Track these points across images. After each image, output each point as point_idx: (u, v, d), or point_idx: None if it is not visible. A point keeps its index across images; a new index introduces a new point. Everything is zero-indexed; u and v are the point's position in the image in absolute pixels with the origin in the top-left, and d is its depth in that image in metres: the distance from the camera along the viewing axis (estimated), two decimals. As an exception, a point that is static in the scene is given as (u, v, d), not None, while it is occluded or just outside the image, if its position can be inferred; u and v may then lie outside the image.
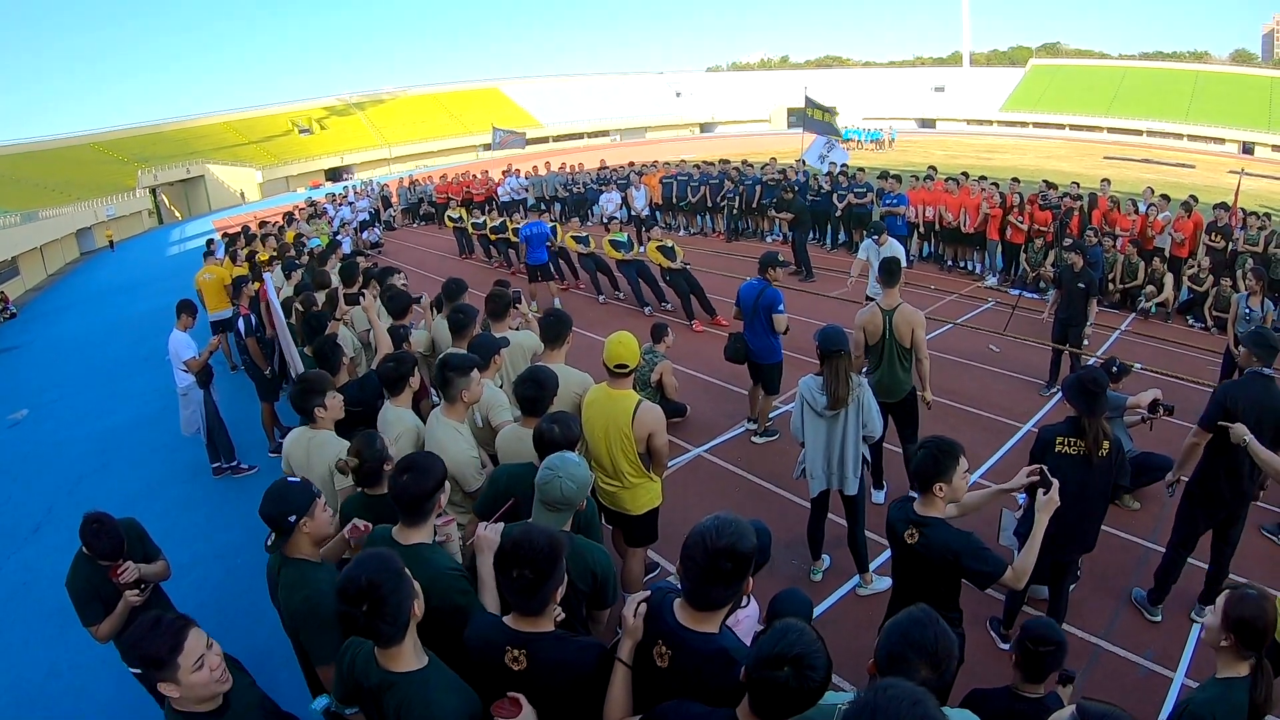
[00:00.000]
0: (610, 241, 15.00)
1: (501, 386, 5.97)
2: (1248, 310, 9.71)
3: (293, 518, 3.77)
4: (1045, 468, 4.18)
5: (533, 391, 4.79)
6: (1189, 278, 14.63)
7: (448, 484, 3.70)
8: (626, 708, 2.97)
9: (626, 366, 5.23)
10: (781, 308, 8.50)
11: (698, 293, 14.12)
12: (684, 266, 14.16)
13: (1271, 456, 5.14)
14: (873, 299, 11.16)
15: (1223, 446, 5.45)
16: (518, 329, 7.30)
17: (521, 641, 3.02)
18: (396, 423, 5.28)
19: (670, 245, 14.30)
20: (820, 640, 2.46)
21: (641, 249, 15.10)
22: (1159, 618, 6.03)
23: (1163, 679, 5.50)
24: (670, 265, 14.07)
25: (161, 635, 2.88)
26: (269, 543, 4.12)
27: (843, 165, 20.10)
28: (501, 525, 3.48)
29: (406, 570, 2.91)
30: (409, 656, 2.90)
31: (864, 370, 7.44)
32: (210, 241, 17.09)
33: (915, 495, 4.11)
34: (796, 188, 20.32)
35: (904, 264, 10.48)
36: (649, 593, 3.10)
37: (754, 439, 9.26)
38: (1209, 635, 3.30)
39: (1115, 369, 7.65)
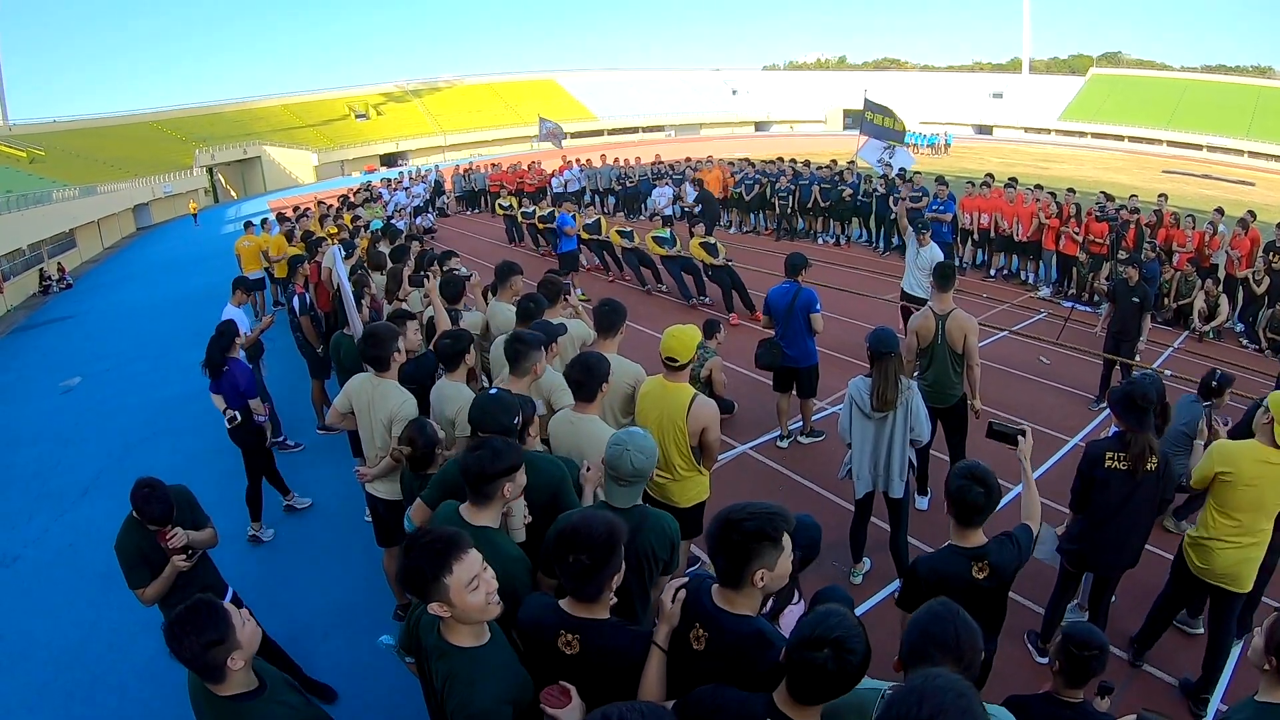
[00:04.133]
0: (654, 237, 15.14)
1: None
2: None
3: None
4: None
5: (581, 375, 4.75)
6: (1248, 278, 14.30)
7: (521, 475, 3.67)
8: (660, 693, 2.98)
9: (676, 361, 5.23)
10: (819, 307, 8.51)
11: (739, 288, 14.16)
12: (727, 263, 14.19)
13: None
14: (910, 295, 11.15)
15: None
16: (570, 317, 7.33)
17: (575, 626, 3.06)
18: (456, 397, 5.37)
19: (713, 242, 14.33)
20: (860, 625, 2.47)
21: (684, 248, 15.06)
22: (1200, 629, 5.98)
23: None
24: (713, 261, 14.11)
25: (204, 621, 2.92)
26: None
27: (900, 169, 19.84)
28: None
29: (454, 569, 2.83)
30: (466, 632, 2.92)
31: (915, 374, 7.44)
32: (248, 224, 17.48)
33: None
34: (853, 189, 20.35)
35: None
36: (686, 578, 3.15)
37: (801, 439, 9.20)
38: (1254, 655, 3.19)
39: (1216, 381, 7.04)
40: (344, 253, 11.16)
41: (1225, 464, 5.01)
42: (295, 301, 10.35)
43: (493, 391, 4.26)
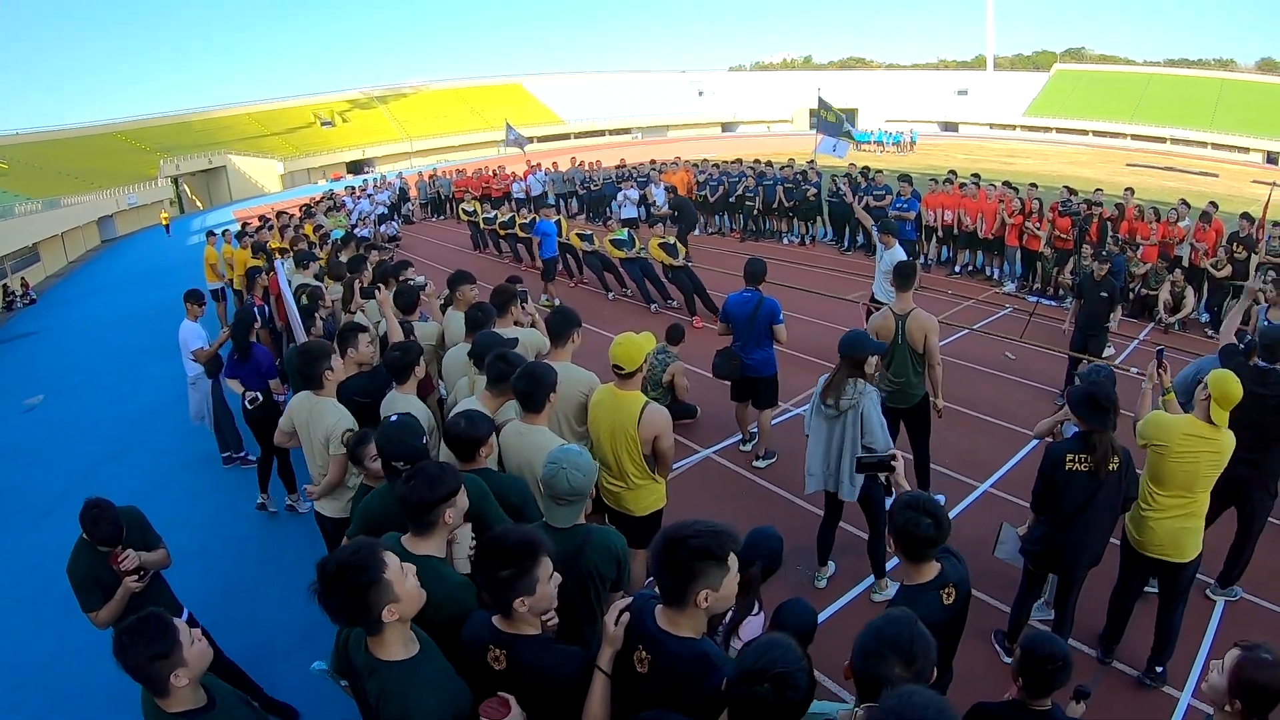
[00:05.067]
0: (611, 240, 15.05)
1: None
2: (1266, 323, 9.59)
3: None
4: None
5: (528, 385, 4.68)
6: (1210, 265, 14.38)
7: (462, 498, 3.60)
8: (604, 717, 2.95)
9: (623, 369, 5.16)
10: (782, 318, 8.31)
11: (700, 290, 14.09)
12: (686, 264, 14.16)
13: None
14: (880, 301, 11.07)
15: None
16: (530, 324, 7.31)
17: (503, 642, 3.04)
18: (407, 407, 5.27)
19: (673, 242, 14.28)
20: (806, 658, 2.42)
21: (644, 248, 15.00)
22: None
23: (1168, 699, 5.43)
24: (673, 262, 14.07)
25: (151, 633, 2.96)
26: None
27: (852, 164, 20.25)
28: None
29: (387, 569, 2.86)
30: (395, 647, 2.91)
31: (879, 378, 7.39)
32: (210, 234, 17.45)
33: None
34: (816, 188, 20.38)
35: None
36: (630, 600, 3.08)
37: (755, 463, 8.92)
38: (1213, 694, 3.09)
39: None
40: (298, 264, 11.06)
41: (1158, 437, 5.09)
42: (256, 313, 10.14)
43: (393, 419, 4.23)
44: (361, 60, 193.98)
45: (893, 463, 4.51)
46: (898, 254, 10.78)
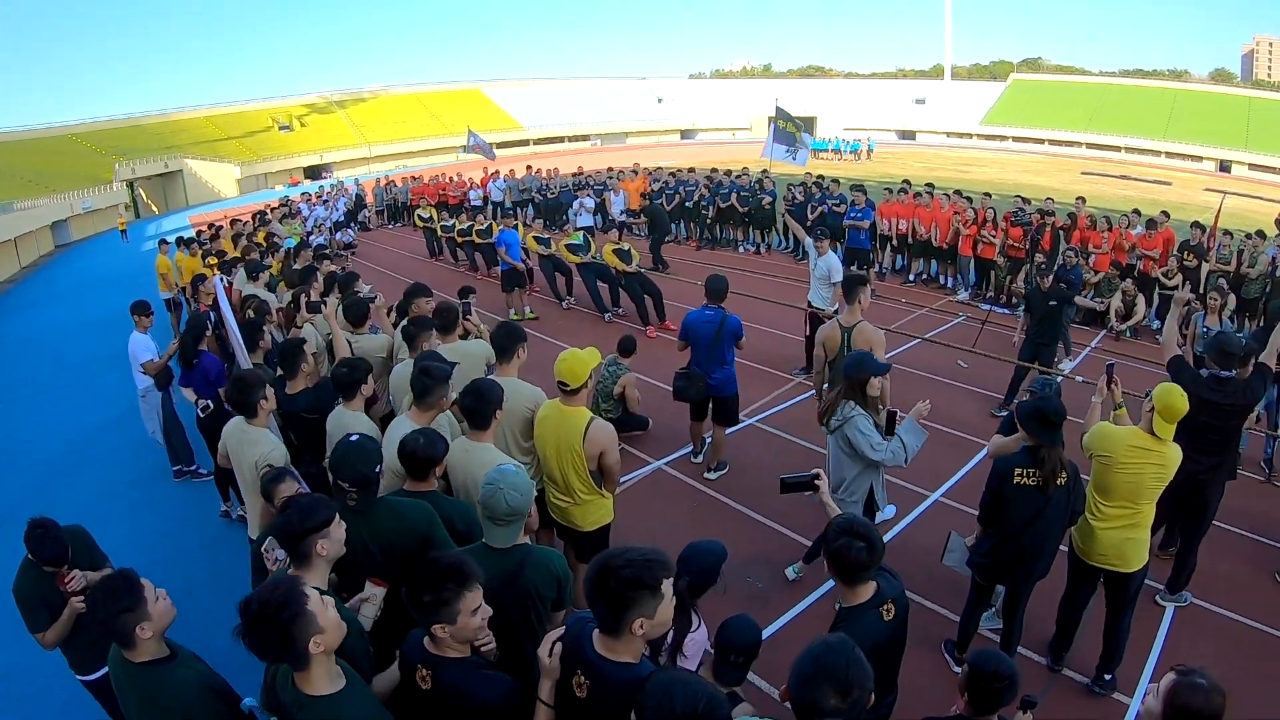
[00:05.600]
0: (566, 245, 15.05)
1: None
2: (1205, 330, 9.74)
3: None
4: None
5: (474, 402, 4.70)
6: (1161, 273, 14.57)
7: (336, 530, 3.61)
8: None
9: (568, 385, 5.18)
10: (743, 333, 8.23)
11: (653, 296, 14.07)
12: (639, 270, 14.16)
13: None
14: (815, 306, 11.08)
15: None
16: (476, 336, 7.30)
17: (430, 662, 3.09)
18: (354, 425, 5.22)
19: (626, 248, 14.28)
20: (720, 694, 2.50)
21: (598, 254, 14.94)
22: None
23: (1119, 705, 5.46)
24: (625, 269, 14.04)
25: (120, 589, 3.27)
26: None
27: (808, 173, 20.34)
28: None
29: (309, 601, 2.85)
30: (321, 681, 2.90)
31: (824, 385, 7.42)
32: (163, 242, 17.18)
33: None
34: (772, 196, 20.43)
35: (839, 278, 10.40)
36: (564, 629, 3.09)
37: (707, 475, 8.82)
38: (1148, 718, 3.06)
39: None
40: (249, 274, 10.88)
41: (1103, 448, 5.15)
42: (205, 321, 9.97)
43: (353, 438, 4.12)
44: (321, 64, 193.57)
45: (816, 482, 4.55)
46: (832, 260, 10.84)
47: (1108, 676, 5.54)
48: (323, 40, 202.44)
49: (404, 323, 6.88)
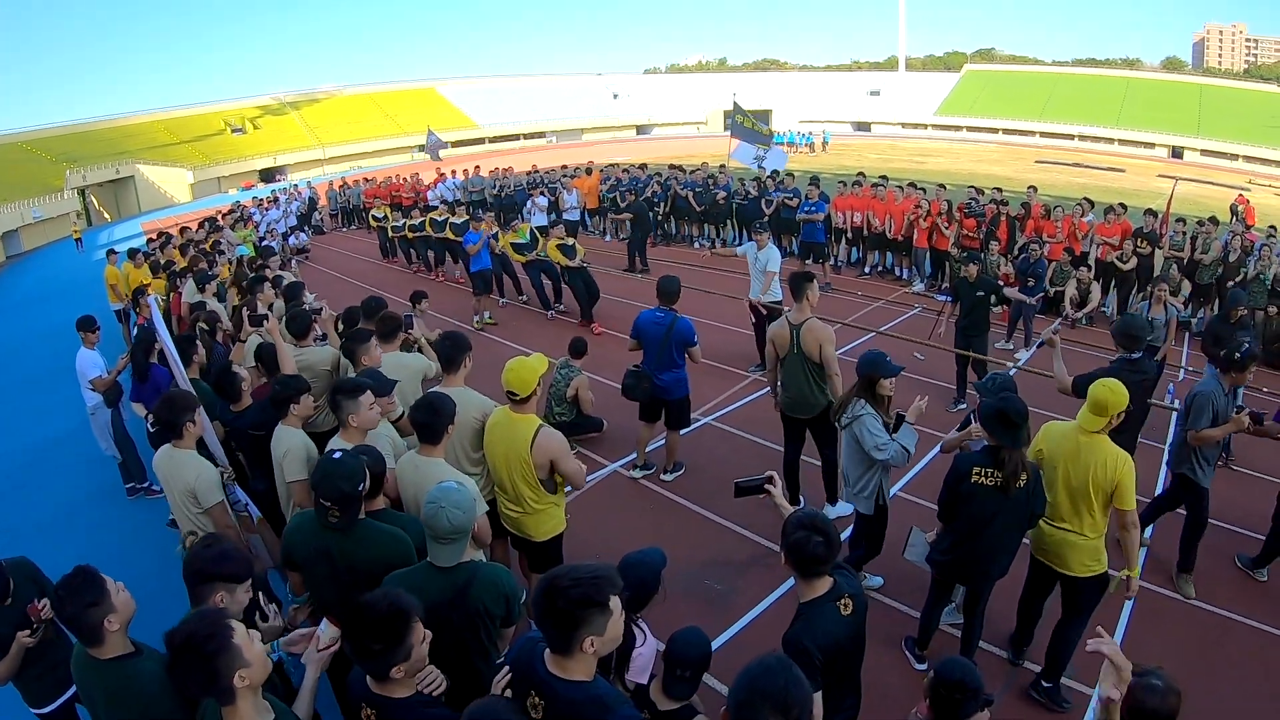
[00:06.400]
0: (511, 244, 14.90)
1: (403, 416, 5.73)
2: (1149, 319, 9.75)
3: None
4: None
5: (427, 417, 4.65)
6: (1115, 257, 14.81)
7: (242, 594, 3.71)
8: None
9: (516, 395, 5.08)
10: (696, 339, 8.07)
11: (594, 293, 14.10)
12: (583, 265, 14.10)
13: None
14: (754, 299, 11.08)
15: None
16: (417, 349, 7.28)
17: (375, 703, 3.06)
18: (286, 439, 5.29)
19: (571, 243, 14.25)
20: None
21: (543, 250, 14.77)
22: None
23: (1081, 695, 5.41)
24: (569, 264, 13.97)
25: (83, 585, 3.34)
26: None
27: (773, 170, 20.15)
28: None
29: (234, 633, 2.80)
30: (249, 716, 2.84)
31: (778, 384, 7.40)
32: (111, 252, 16.86)
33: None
34: (726, 191, 20.37)
35: (778, 270, 10.73)
36: (516, 652, 3.11)
37: (663, 476, 8.69)
38: (1104, 716, 3.05)
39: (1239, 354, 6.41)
40: (198, 285, 10.65)
41: (1040, 442, 5.22)
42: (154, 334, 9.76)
43: (336, 455, 4.02)
44: (273, 65, 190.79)
45: (768, 486, 4.55)
46: (772, 254, 10.89)
47: (1046, 684, 5.46)
48: (275, 41, 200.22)
49: (341, 341, 6.76)
